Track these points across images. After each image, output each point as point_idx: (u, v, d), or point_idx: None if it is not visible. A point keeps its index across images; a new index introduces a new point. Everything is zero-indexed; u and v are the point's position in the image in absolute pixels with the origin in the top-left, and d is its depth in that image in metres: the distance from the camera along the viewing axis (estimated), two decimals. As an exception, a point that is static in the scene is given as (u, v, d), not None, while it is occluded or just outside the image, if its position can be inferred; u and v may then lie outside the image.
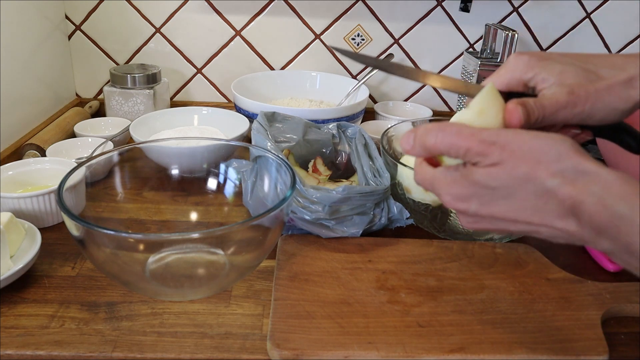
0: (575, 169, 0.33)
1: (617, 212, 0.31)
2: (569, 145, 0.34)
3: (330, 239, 0.63)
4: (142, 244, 0.54)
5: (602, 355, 0.48)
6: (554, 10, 1.07)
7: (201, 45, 1.08)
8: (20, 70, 0.87)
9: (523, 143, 0.34)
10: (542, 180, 0.33)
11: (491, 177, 0.35)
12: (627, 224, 0.31)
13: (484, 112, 0.38)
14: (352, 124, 0.77)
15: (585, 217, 0.32)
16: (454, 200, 0.37)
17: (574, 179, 0.33)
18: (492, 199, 0.35)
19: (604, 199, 0.32)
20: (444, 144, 0.36)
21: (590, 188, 0.32)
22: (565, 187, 0.33)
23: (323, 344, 0.47)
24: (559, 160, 0.33)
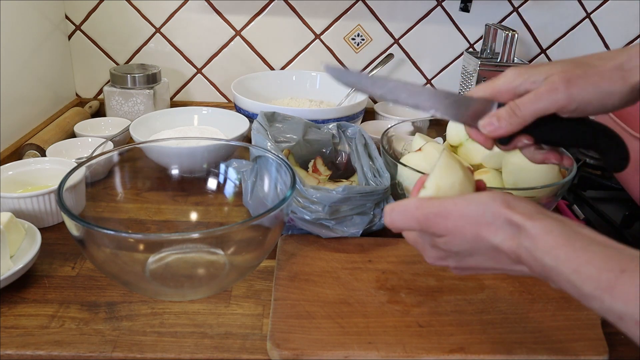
0: (509, 224, 0.36)
1: (545, 265, 0.35)
2: (499, 201, 0.37)
3: (330, 239, 0.63)
4: (142, 244, 0.54)
5: (602, 355, 0.48)
6: (554, 10, 1.07)
7: (201, 45, 1.08)
8: (20, 70, 0.87)
9: (461, 211, 0.38)
10: (488, 240, 0.37)
11: (449, 244, 0.39)
12: (555, 274, 0.34)
13: (440, 188, 0.42)
14: (352, 124, 0.77)
15: (527, 266, 0.36)
16: (434, 260, 0.42)
17: (511, 233, 0.36)
18: (461, 258, 0.40)
19: (533, 253, 0.35)
20: (398, 222, 0.41)
21: (522, 243, 0.36)
22: (507, 242, 0.36)
23: (323, 344, 0.47)
24: (494, 220, 0.37)
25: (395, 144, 0.76)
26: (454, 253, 0.40)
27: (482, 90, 0.46)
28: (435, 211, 0.39)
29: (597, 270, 0.33)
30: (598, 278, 0.32)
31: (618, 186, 0.78)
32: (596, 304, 0.33)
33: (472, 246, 0.38)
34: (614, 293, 0.32)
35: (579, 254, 0.34)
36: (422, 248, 0.43)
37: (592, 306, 0.33)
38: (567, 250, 0.34)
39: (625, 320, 0.32)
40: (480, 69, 0.97)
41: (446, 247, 0.40)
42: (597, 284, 0.32)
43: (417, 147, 0.70)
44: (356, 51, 1.10)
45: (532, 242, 0.35)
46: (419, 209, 0.39)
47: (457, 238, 0.38)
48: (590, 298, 0.33)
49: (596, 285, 0.32)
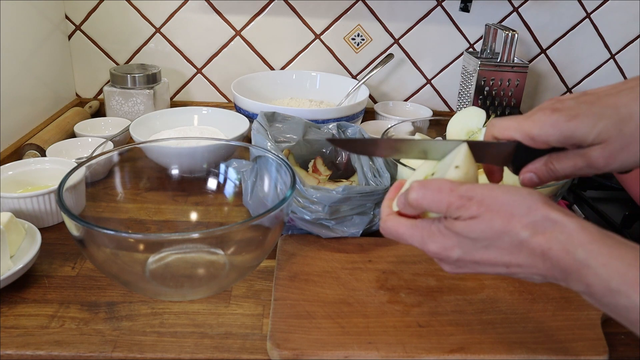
0: (544, 219, 0.36)
1: (577, 258, 0.35)
2: (537, 197, 0.37)
3: (330, 239, 0.63)
4: (142, 244, 0.54)
5: (602, 355, 0.48)
6: (554, 10, 1.07)
7: (201, 45, 1.08)
8: (20, 70, 0.87)
9: (496, 198, 0.37)
10: (516, 232, 0.37)
11: (471, 229, 0.38)
12: (585, 267, 0.35)
13: (469, 173, 0.41)
14: (352, 124, 0.77)
15: (553, 261, 0.36)
16: (439, 248, 0.40)
17: (544, 228, 0.36)
18: (473, 248, 0.39)
19: (567, 246, 0.35)
20: (426, 199, 0.39)
21: (556, 236, 0.36)
22: (536, 237, 0.36)
23: (323, 344, 0.47)
24: (529, 213, 0.37)
25: (395, 144, 0.76)
26: (469, 241, 0.38)
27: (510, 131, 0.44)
28: (470, 194, 0.38)
29: (627, 266, 0.33)
30: (626, 273, 0.33)
31: (618, 186, 0.78)
32: (622, 300, 0.33)
33: (494, 236, 0.37)
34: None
35: (611, 250, 0.34)
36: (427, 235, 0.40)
37: (617, 302, 0.34)
38: (599, 245, 0.35)
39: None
40: (480, 69, 0.97)
41: (465, 232, 0.38)
42: (624, 278, 0.33)
43: (417, 147, 0.70)
44: (356, 51, 1.10)
45: (568, 236, 0.35)
46: (454, 190, 0.38)
47: (483, 224, 0.37)
48: (616, 293, 0.33)
49: (624, 280, 0.33)
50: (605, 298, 0.34)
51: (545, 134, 0.42)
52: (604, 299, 0.35)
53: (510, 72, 0.97)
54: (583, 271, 0.35)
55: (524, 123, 0.43)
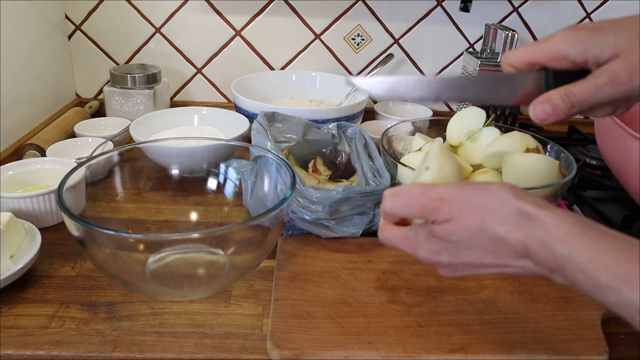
0: (518, 213, 0.35)
1: (558, 254, 0.33)
2: (507, 191, 0.36)
3: (330, 239, 0.63)
4: (142, 244, 0.54)
5: (602, 355, 0.48)
6: (554, 10, 1.07)
7: (201, 45, 1.08)
8: (20, 70, 0.87)
9: (468, 197, 0.37)
10: (493, 229, 0.36)
11: (449, 232, 0.37)
12: (569, 263, 0.33)
13: (442, 170, 0.40)
14: (352, 124, 0.77)
15: (535, 258, 0.35)
16: (428, 254, 0.40)
17: (520, 223, 0.35)
18: (458, 251, 0.38)
19: (546, 243, 0.34)
20: (399, 207, 0.39)
21: (533, 232, 0.34)
22: (513, 232, 0.35)
23: (323, 344, 0.47)
24: (502, 208, 0.36)
25: (395, 144, 0.76)
26: (452, 244, 0.38)
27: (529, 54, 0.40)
28: (440, 196, 0.37)
29: (615, 260, 0.32)
30: (616, 269, 0.31)
31: (618, 186, 0.78)
32: (612, 297, 0.32)
33: (473, 236, 0.37)
34: (632, 285, 0.31)
35: (595, 243, 0.33)
36: (415, 243, 0.40)
37: (607, 299, 0.32)
38: (582, 239, 0.33)
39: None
40: (481, 69, 0.97)
41: (444, 236, 0.38)
42: (614, 274, 0.31)
43: (417, 147, 0.70)
44: (356, 51, 1.10)
45: (545, 231, 0.34)
46: (424, 194, 0.38)
47: (459, 225, 0.37)
48: (606, 289, 0.32)
49: (614, 276, 0.31)
50: (594, 294, 0.33)
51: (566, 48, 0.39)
52: (592, 294, 0.33)
53: (510, 72, 0.97)
54: (567, 267, 0.33)
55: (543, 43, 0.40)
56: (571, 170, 0.65)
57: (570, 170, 0.65)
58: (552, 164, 0.66)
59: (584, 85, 0.38)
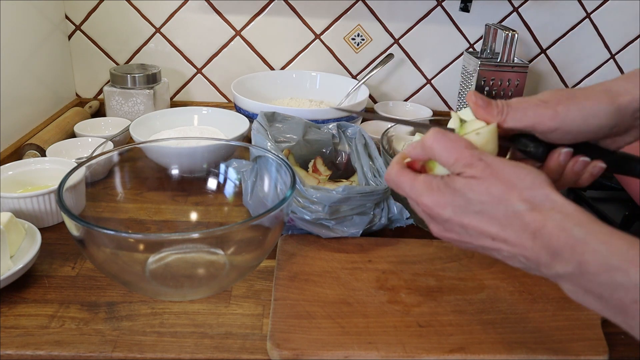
0: (545, 197, 0.37)
1: (573, 235, 0.35)
2: (543, 178, 0.38)
3: (330, 239, 0.63)
4: (142, 244, 0.54)
5: (602, 355, 0.48)
6: (554, 10, 1.07)
7: (201, 45, 1.08)
8: (20, 70, 0.87)
9: (505, 167, 0.38)
10: (513, 203, 0.37)
11: (470, 187, 0.38)
12: (581, 244, 0.35)
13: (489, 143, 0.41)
14: (352, 124, 0.77)
15: (544, 239, 0.36)
16: (432, 204, 0.40)
17: (541, 206, 0.36)
18: (465, 210, 0.39)
19: (563, 224, 0.35)
20: (439, 145, 0.40)
21: (552, 215, 0.36)
22: (532, 212, 0.36)
23: (323, 344, 0.47)
24: (532, 189, 0.37)
25: (395, 144, 0.76)
26: (464, 200, 0.38)
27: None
28: (481, 156, 0.38)
29: (628, 244, 0.34)
30: (627, 251, 0.33)
31: (618, 186, 0.78)
32: (619, 276, 0.33)
33: (490, 202, 0.37)
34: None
35: (610, 231, 0.35)
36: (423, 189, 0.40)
37: (614, 279, 0.33)
38: (599, 226, 0.35)
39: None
40: (480, 69, 0.97)
41: (463, 190, 0.38)
42: (625, 256, 0.33)
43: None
44: (356, 51, 1.10)
45: (565, 216, 0.36)
46: (469, 147, 0.39)
47: (483, 186, 0.37)
48: (614, 269, 0.33)
49: (624, 257, 0.33)
50: (601, 276, 0.34)
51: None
52: (598, 276, 0.34)
53: (510, 72, 0.97)
54: (578, 248, 0.34)
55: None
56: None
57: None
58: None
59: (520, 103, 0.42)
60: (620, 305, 0.34)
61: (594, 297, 0.35)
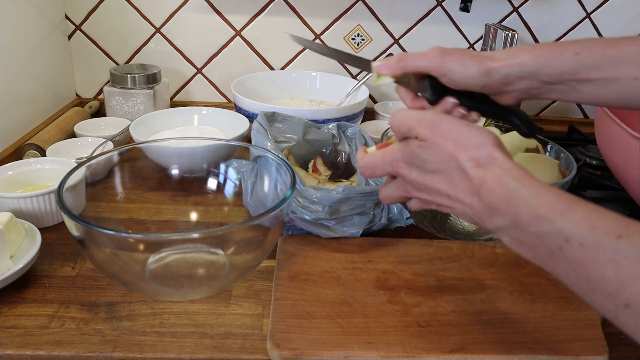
0: (488, 156, 0.40)
1: (509, 188, 0.38)
2: (491, 137, 0.41)
3: (330, 239, 0.63)
4: (142, 244, 0.54)
5: (602, 355, 0.48)
6: (554, 10, 1.07)
7: (201, 45, 1.08)
8: (20, 70, 0.87)
9: (454, 127, 0.42)
10: (461, 161, 0.40)
11: (423, 149, 0.42)
12: (515, 197, 0.38)
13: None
14: (352, 124, 0.77)
15: (485, 195, 0.39)
16: (403, 163, 0.45)
17: (485, 163, 0.40)
18: (425, 171, 0.43)
19: (501, 179, 0.38)
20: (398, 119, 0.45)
21: (493, 170, 0.39)
22: (476, 169, 0.40)
23: (323, 344, 0.48)
24: (478, 148, 0.40)
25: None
26: (422, 161, 0.43)
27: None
28: (429, 118, 0.43)
29: (556, 197, 0.37)
30: (555, 203, 0.36)
31: (618, 186, 0.78)
32: (547, 226, 0.36)
33: (442, 161, 0.41)
34: (566, 216, 0.35)
35: (542, 185, 0.38)
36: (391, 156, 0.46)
37: (542, 229, 0.36)
38: (532, 180, 0.38)
39: (571, 243, 0.35)
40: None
41: (417, 152, 0.43)
42: (552, 207, 0.36)
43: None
44: (356, 51, 1.10)
45: (504, 171, 0.39)
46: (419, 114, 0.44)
47: (434, 147, 0.42)
48: (542, 219, 0.36)
49: (552, 208, 0.36)
50: (532, 226, 0.36)
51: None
52: (529, 227, 0.36)
53: (510, 72, 0.97)
54: (513, 200, 0.37)
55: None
56: (571, 170, 0.65)
57: (570, 170, 0.65)
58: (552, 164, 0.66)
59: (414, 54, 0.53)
60: (548, 252, 0.36)
61: (527, 247, 0.38)
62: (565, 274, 0.36)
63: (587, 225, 0.34)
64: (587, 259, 0.34)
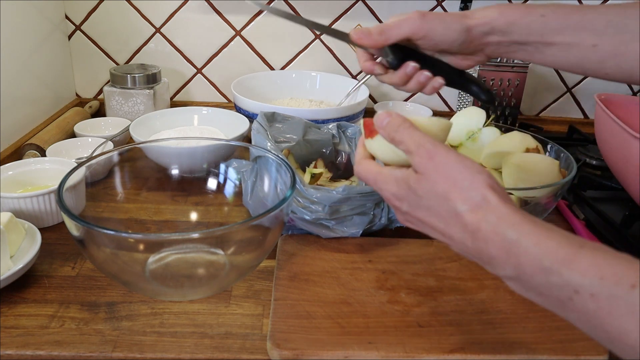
0: (482, 198, 0.38)
1: (507, 238, 0.36)
2: (483, 176, 0.39)
3: (330, 239, 0.63)
4: (142, 244, 0.54)
5: (602, 355, 0.48)
6: (554, 10, 1.07)
7: (201, 45, 1.08)
8: (20, 70, 0.87)
9: (448, 161, 0.39)
10: (455, 203, 0.38)
11: (419, 184, 0.40)
12: (514, 246, 0.36)
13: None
14: (352, 124, 0.77)
15: (480, 242, 0.37)
16: (392, 197, 0.43)
17: (479, 207, 0.37)
18: (418, 206, 0.41)
19: (497, 228, 0.36)
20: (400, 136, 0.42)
21: (487, 217, 0.37)
22: (470, 213, 0.38)
23: (323, 344, 0.48)
24: (470, 188, 0.38)
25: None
26: (416, 197, 0.41)
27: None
28: (428, 146, 0.40)
29: (557, 244, 0.34)
30: (557, 251, 0.34)
31: (618, 186, 0.78)
32: (554, 278, 0.34)
33: (435, 200, 0.39)
34: (572, 265, 0.33)
35: (541, 230, 0.35)
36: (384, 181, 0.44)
37: (550, 280, 0.34)
38: (530, 226, 0.36)
39: (581, 294, 0.33)
40: (481, 69, 0.97)
41: (414, 187, 0.41)
42: (555, 256, 0.34)
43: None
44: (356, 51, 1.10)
45: (499, 218, 0.37)
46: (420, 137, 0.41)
47: (429, 183, 0.40)
48: (547, 271, 0.34)
49: (555, 257, 0.34)
50: (536, 277, 0.35)
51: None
52: (534, 277, 0.35)
53: (510, 72, 0.97)
54: (513, 250, 0.35)
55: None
56: (571, 170, 0.65)
57: (570, 170, 0.65)
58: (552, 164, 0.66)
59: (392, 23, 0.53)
60: (558, 302, 0.35)
61: (535, 293, 0.36)
62: (580, 323, 0.34)
63: (595, 274, 0.32)
64: (600, 310, 0.32)
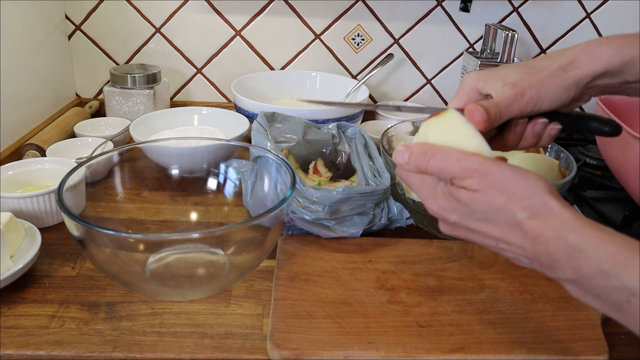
0: (543, 205, 0.38)
1: (568, 242, 0.37)
2: (542, 184, 0.39)
3: (330, 239, 0.63)
4: (142, 244, 0.54)
5: (602, 355, 0.48)
6: (554, 10, 1.07)
7: (201, 45, 1.08)
8: (20, 70, 0.87)
9: (503, 175, 0.39)
10: (514, 212, 0.38)
11: (472, 200, 0.40)
12: (575, 251, 0.36)
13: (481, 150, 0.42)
14: (352, 124, 0.77)
15: (542, 246, 0.38)
16: (439, 209, 0.42)
17: (540, 213, 0.38)
18: (470, 217, 0.41)
19: (559, 232, 0.37)
20: (434, 167, 0.41)
21: (550, 223, 0.37)
22: (530, 220, 0.38)
23: (323, 344, 0.48)
24: (531, 197, 0.38)
25: (395, 144, 0.76)
26: (469, 210, 0.40)
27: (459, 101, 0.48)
28: (476, 167, 0.39)
29: (617, 248, 0.35)
30: (616, 255, 0.35)
31: (618, 186, 0.78)
32: (612, 281, 0.35)
33: (492, 212, 0.39)
34: (629, 269, 0.34)
35: (602, 234, 0.36)
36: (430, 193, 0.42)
37: (608, 284, 0.35)
38: (591, 230, 0.36)
39: (638, 297, 0.34)
40: (481, 69, 0.97)
41: (465, 202, 0.40)
42: (615, 260, 0.35)
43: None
44: (356, 51, 1.10)
45: (561, 223, 0.37)
46: (461, 162, 0.40)
47: (484, 198, 0.39)
48: (606, 274, 0.35)
49: (614, 261, 0.35)
50: (595, 280, 0.36)
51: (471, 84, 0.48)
52: (593, 280, 0.36)
53: (510, 72, 0.97)
54: (574, 255, 0.36)
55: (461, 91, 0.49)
56: (571, 170, 0.65)
57: (570, 170, 0.65)
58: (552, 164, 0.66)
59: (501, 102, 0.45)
60: (616, 304, 0.35)
61: (592, 296, 0.37)
62: (636, 326, 0.35)
63: None
64: None
